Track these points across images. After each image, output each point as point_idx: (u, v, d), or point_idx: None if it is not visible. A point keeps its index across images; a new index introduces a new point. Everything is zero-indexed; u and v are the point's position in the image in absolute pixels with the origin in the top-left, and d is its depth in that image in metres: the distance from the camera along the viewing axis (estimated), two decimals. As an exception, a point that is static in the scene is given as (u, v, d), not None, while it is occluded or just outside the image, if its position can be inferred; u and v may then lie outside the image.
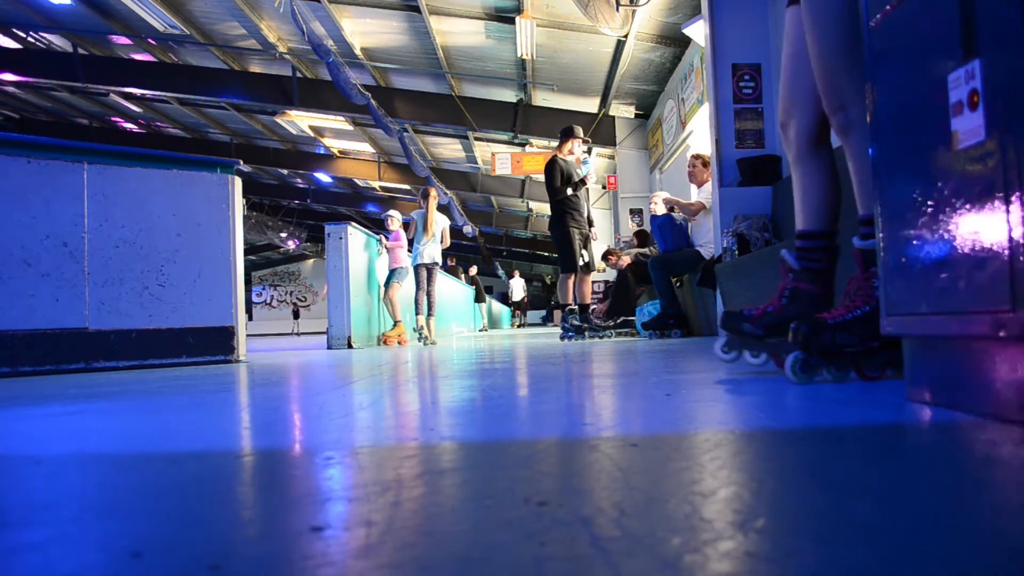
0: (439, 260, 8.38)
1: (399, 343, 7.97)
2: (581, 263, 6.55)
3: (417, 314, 8.38)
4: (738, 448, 1.04)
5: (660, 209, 7.81)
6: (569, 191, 6.55)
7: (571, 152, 6.68)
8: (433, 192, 8.35)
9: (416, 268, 8.28)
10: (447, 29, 10.03)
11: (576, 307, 6.59)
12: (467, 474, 0.94)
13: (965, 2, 1.06)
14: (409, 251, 8.42)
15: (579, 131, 6.80)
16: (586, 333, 6.56)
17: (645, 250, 7.92)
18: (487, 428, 1.35)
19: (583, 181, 6.67)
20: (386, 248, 8.46)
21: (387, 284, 8.35)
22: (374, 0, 9.54)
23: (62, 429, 1.57)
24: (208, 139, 18.37)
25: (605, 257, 9.83)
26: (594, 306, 7.10)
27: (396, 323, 8.18)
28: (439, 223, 8.25)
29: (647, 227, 7.97)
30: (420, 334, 8.24)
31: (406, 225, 8.39)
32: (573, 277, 6.58)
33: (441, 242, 8.26)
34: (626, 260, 8.02)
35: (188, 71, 12.85)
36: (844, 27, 1.70)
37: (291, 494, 0.86)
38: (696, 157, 6.67)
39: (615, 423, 1.38)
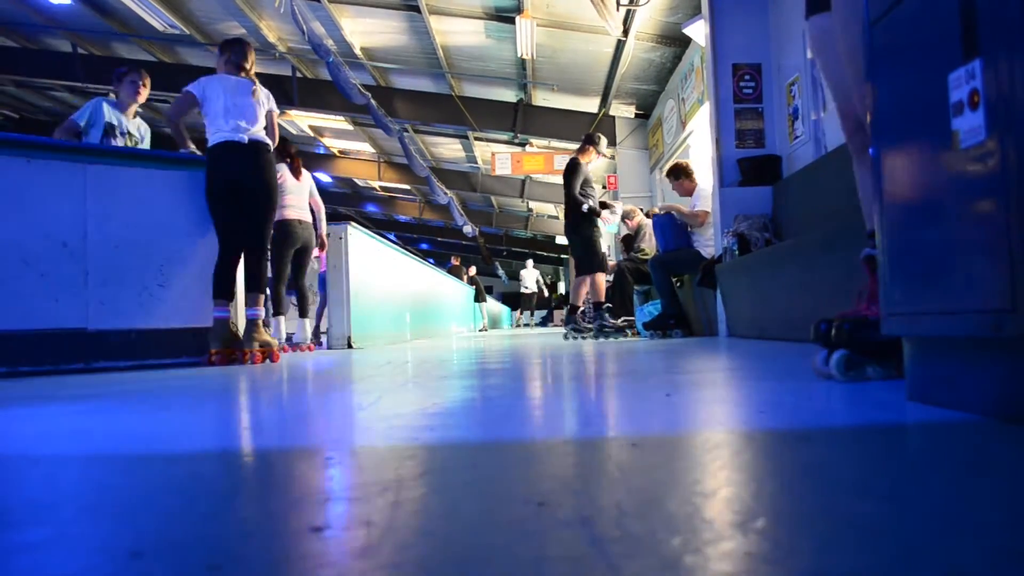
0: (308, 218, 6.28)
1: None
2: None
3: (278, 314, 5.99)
4: (739, 448, 1.04)
5: (613, 222, 7.70)
6: (584, 207, 6.32)
7: (590, 161, 6.59)
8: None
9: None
10: (447, 29, 10.02)
11: (582, 308, 6.59)
12: (467, 474, 0.94)
13: (966, 1, 1.06)
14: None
15: (603, 144, 6.66)
16: (587, 333, 6.55)
17: (634, 255, 7.83)
18: (487, 428, 1.35)
19: (594, 211, 6.42)
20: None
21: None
22: (374, 0, 9.53)
23: (61, 429, 1.57)
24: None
25: None
26: (582, 308, 7.04)
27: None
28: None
29: (644, 228, 7.90)
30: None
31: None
32: (588, 279, 6.52)
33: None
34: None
35: (188, 71, 12.82)
36: None
37: (291, 494, 0.86)
38: (671, 172, 6.62)
39: (617, 424, 1.38)
